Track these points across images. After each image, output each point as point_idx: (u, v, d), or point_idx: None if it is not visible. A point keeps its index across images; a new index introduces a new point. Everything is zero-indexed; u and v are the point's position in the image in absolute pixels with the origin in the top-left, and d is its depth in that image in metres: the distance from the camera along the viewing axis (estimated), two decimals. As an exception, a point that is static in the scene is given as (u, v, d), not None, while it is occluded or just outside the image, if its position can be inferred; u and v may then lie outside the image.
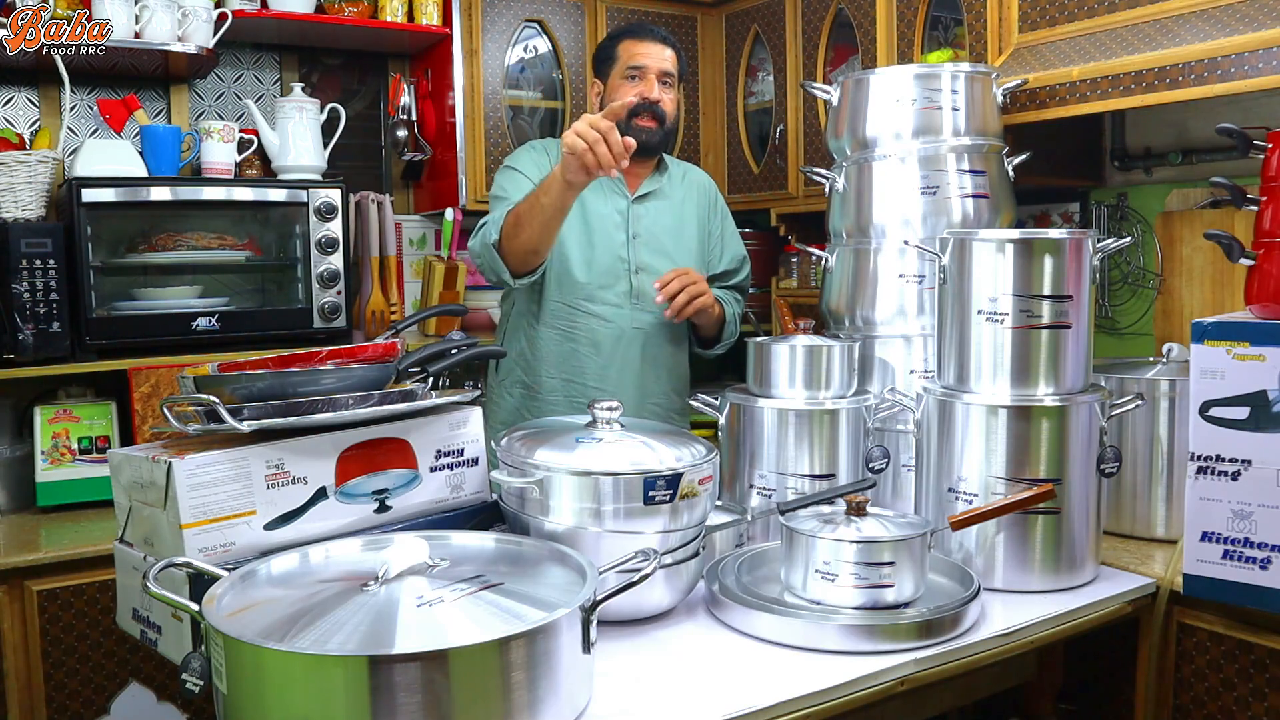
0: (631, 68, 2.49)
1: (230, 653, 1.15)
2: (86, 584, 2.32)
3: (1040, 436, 1.78)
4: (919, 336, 2.12)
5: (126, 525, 1.56)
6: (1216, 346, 1.72)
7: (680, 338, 2.63)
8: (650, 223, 2.53)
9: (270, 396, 1.50)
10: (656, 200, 2.56)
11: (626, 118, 2.44)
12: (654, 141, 2.50)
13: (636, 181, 2.56)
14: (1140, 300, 2.68)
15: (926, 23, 2.74)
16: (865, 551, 1.56)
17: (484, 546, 1.47)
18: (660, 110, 2.48)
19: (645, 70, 2.48)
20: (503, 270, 2.30)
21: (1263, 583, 1.69)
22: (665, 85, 2.51)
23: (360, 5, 3.08)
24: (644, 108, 2.47)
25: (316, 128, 3.05)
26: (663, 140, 2.53)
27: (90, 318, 2.58)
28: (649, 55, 2.49)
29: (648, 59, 2.49)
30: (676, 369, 2.64)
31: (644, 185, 2.56)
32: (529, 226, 2.22)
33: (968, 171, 2.11)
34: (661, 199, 2.57)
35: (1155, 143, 2.65)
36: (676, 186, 2.62)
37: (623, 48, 2.52)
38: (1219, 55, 1.95)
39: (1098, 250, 1.82)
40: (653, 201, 2.56)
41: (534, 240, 2.25)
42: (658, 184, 2.58)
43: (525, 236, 2.24)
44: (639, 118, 2.47)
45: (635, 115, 2.46)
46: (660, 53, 2.51)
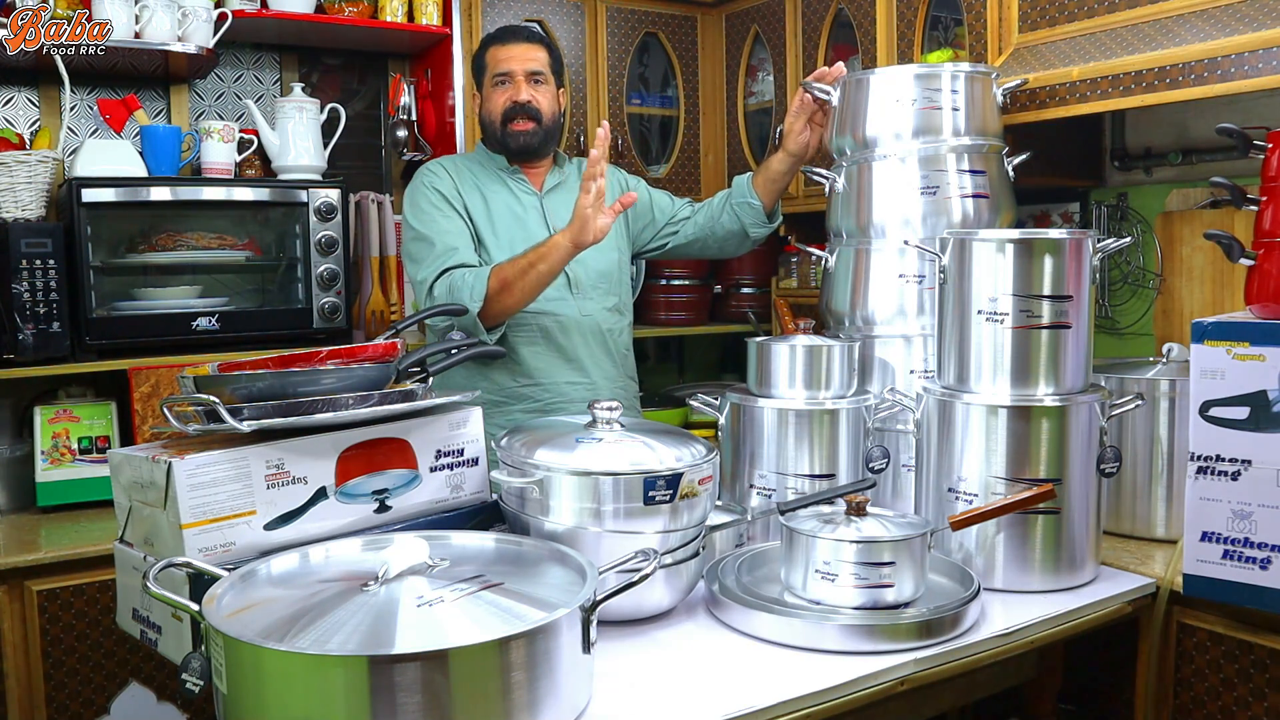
0: (498, 74, 2.50)
1: (230, 653, 1.15)
2: (86, 584, 2.32)
3: (1040, 436, 1.78)
4: (919, 336, 2.12)
5: (126, 525, 1.56)
6: (1216, 346, 1.72)
7: (626, 325, 2.62)
8: (565, 213, 2.42)
9: (270, 396, 1.50)
10: (564, 191, 2.56)
11: (501, 124, 2.48)
12: (535, 142, 2.51)
13: (539, 178, 2.57)
14: (1140, 300, 2.68)
15: (926, 23, 2.75)
16: (865, 551, 1.56)
17: (484, 546, 1.47)
18: (533, 109, 2.48)
19: (512, 74, 2.49)
20: (481, 331, 2.28)
21: (1263, 583, 1.69)
22: (537, 83, 2.50)
23: (360, 5, 3.08)
24: (516, 111, 2.47)
25: (316, 128, 3.05)
26: (545, 138, 2.53)
27: (90, 318, 2.58)
28: (513, 58, 2.50)
29: (512, 62, 2.49)
30: (628, 356, 2.64)
31: (548, 180, 2.57)
32: (521, 292, 2.25)
33: (968, 171, 2.10)
34: (568, 189, 2.56)
35: (1155, 143, 2.65)
36: (575, 176, 2.61)
37: (489, 55, 2.53)
38: (1219, 55, 1.95)
39: (1098, 250, 1.82)
40: (561, 193, 2.56)
41: (524, 303, 2.29)
42: (560, 177, 2.60)
43: (515, 301, 2.26)
44: (513, 122, 2.48)
45: (509, 120, 2.48)
46: (526, 53, 2.50)
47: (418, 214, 2.45)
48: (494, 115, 2.50)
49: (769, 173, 2.49)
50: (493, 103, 2.50)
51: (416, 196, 2.48)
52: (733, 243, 2.63)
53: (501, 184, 2.52)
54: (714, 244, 2.65)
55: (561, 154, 2.64)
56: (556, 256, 2.20)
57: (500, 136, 2.50)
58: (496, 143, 2.53)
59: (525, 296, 2.26)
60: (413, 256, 2.44)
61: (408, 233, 2.47)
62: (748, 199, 2.53)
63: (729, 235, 2.60)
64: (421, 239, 2.41)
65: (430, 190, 2.47)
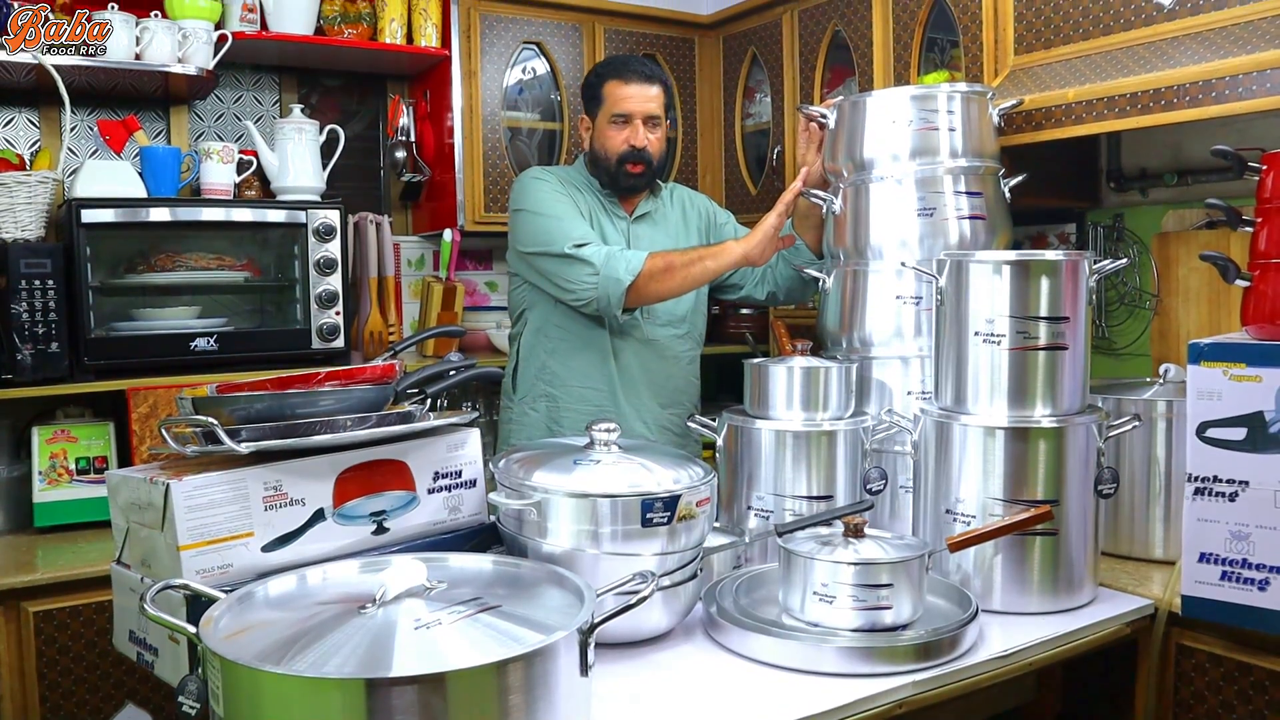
0: (617, 114, 2.52)
1: (227, 675, 1.14)
2: (83, 605, 2.31)
3: (1038, 458, 1.79)
4: (916, 358, 2.12)
5: (124, 546, 1.56)
6: (1213, 368, 1.72)
7: (694, 355, 2.68)
8: (649, 241, 2.58)
9: (268, 418, 1.50)
10: (652, 219, 2.64)
11: (616, 164, 2.53)
12: (644, 184, 2.59)
13: (632, 204, 2.63)
14: (1137, 321, 2.69)
15: (923, 44, 2.76)
16: (863, 573, 1.56)
17: (482, 569, 1.47)
18: (647, 154, 2.54)
19: (631, 116, 2.51)
20: (620, 305, 2.35)
21: (1261, 604, 1.69)
22: (652, 126, 2.54)
23: (359, 27, 3.09)
24: (632, 156, 2.52)
25: (315, 149, 3.06)
26: (652, 177, 2.60)
27: (89, 338, 2.59)
28: (633, 99, 2.52)
29: (631, 103, 2.52)
30: (689, 386, 2.68)
31: (639, 208, 2.64)
32: (679, 282, 2.34)
33: (964, 193, 2.11)
34: (657, 217, 2.65)
35: (1151, 164, 2.67)
36: (668, 205, 2.69)
37: (608, 90, 2.55)
38: (1213, 77, 1.96)
39: (1094, 271, 1.83)
40: (649, 221, 2.63)
41: (676, 293, 2.39)
42: (651, 205, 2.65)
43: (670, 287, 2.35)
44: (629, 164, 2.53)
45: (625, 162, 2.53)
46: (645, 93, 2.53)
47: (538, 200, 2.50)
48: (609, 154, 2.54)
49: (799, 211, 2.51)
50: (610, 141, 2.54)
51: (532, 189, 2.53)
52: (797, 288, 2.64)
53: (597, 203, 2.59)
54: (782, 294, 2.67)
55: (657, 182, 2.68)
56: (727, 260, 2.31)
57: (613, 174, 2.56)
58: (606, 175, 2.57)
59: (684, 285, 2.35)
60: (540, 237, 2.46)
61: (527, 221, 2.49)
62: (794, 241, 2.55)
63: (790, 281, 2.61)
64: (549, 217, 2.46)
65: (544, 184, 2.54)
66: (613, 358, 2.54)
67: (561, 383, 2.57)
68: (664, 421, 2.61)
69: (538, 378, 2.60)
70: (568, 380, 2.56)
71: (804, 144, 2.42)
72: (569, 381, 2.56)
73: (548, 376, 2.58)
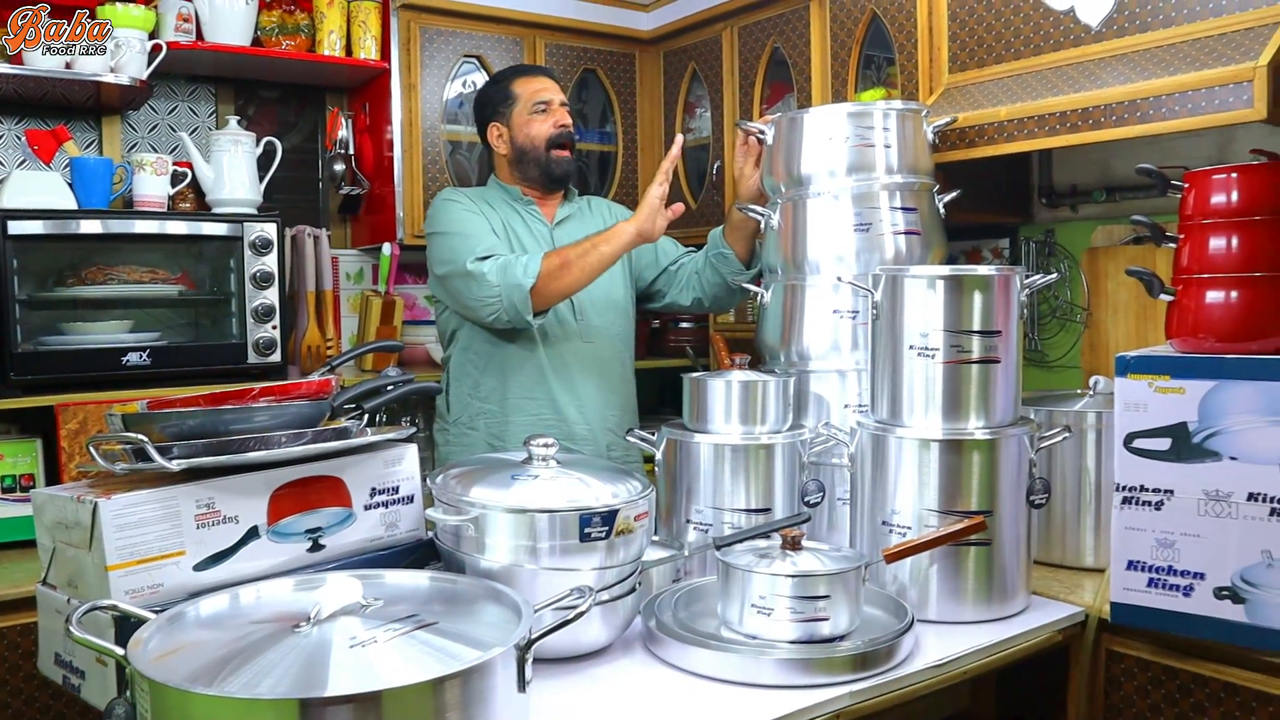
0: (539, 103, 2.57)
1: (156, 698, 1.12)
2: (7, 628, 2.25)
3: (971, 469, 1.81)
4: (853, 371, 2.15)
5: (50, 567, 1.52)
6: (1139, 380, 1.76)
7: (628, 358, 2.69)
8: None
9: (201, 435, 1.48)
10: (573, 224, 2.64)
11: (545, 151, 2.55)
12: (571, 170, 2.62)
13: (551, 210, 2.65)
14: (1069, 334, 2.74)
15: (860, 62, 2.80)
16: (800, 585, 1.57)
17: (418, 585, 1.46)
18: (573, 136, 2.60)
19: (551, 103, 2.57)
20: (527, 311, 2.33)
21: (1186, 609, 1.73)
22: (566, 112, 2.60)
23: (298, 39, 3.07)
24: (564, 136, 2.56)
25: (252, 161, 3.02)
26: (575, 165, 2.64)
27: (15, 353, 2.53)
28: (547, 89, 2.60)
29: (550, 93, 2.59)
30: (627, 387, 2.70)
31: (559, 212, 2.65)
32: (579, 273, 2.31)
33: (900, 209, 2.15)
34: (577, 221, 2.65)
35: (1081, 181, 2.73)
36: (586, 211, 2.71)
37: (519, 86, 2.60)
38: (1138, 98, 2.01)
39: (1025, 286, 1.86)
40: (570, 225, 2.64)
41: (578, 286, 2.34)
42: (570, 210, 2.68)
43: (570, 282, 2.32)
44: (557, 149, 2.56)
45: (554, 147, 2.56)
46: (555, 86, 2.62)
47: (448, 220, 2.50)
48: (537, 143, 2.56)
49: (732, 221, 2.53)
50: (537, 129, 2.56)
51: (443, 211, 2.53)
52: (723, 296, 2.64)
53: (515, 214, 2.59)
54: (708, 301, 2.67)
55: (572, 189, 2.70)
56: (620, 241, 2.29)
57: (543, 165, 2.56)
58: (536, 168, 2.57)
59: (584, 277, 2.32)
60: (446, 256, 2.45)
61: (437, 242, 2.49)
62: (720, 249, 2.56)
63: (717, 289, 2.61)
64: (456, 235, 2.45)
65: (456, 204, 2.54)
66: (547, 363, 2.53)
67: (499, 397, 2.55)
68: (609, 424, 2.60)
69: (472, 396, 2.58)
70: (505, 394, 2.54)
71: (741, 158, 2.44)
72: (507, 395, 2.54)
73: (483, 394, 2.56)
